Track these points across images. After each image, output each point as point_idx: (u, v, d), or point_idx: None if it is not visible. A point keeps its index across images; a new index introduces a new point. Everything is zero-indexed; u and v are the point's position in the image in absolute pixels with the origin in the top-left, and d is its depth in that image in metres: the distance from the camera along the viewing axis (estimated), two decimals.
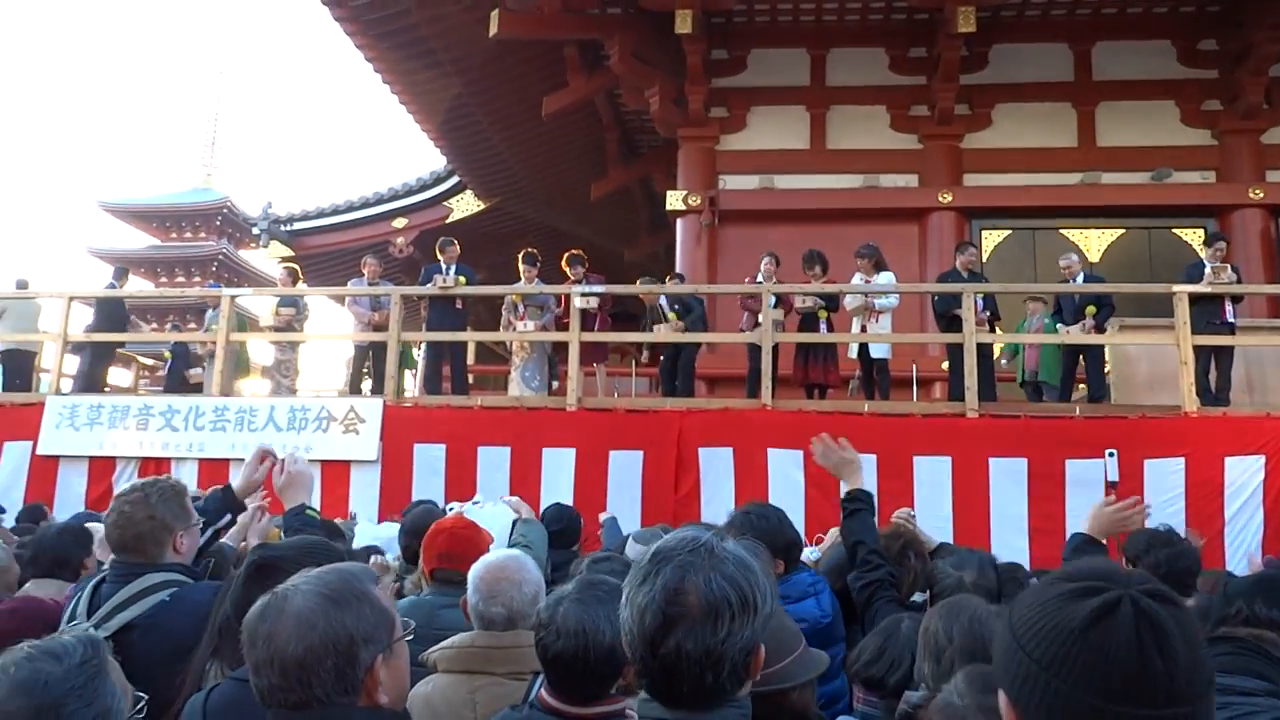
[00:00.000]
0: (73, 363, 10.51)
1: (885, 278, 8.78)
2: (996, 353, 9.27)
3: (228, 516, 3.01)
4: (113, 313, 10.36)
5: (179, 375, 10.52)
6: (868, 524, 3.23)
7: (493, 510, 4.20)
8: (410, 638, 1.59)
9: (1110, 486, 4.71)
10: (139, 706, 1.43)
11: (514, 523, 3.76)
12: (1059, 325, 8.63)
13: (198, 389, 10.11)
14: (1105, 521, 3.11)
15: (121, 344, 11.01)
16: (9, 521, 6.99)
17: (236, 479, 3.02)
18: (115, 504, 2.52)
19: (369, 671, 1.45)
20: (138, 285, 23.03)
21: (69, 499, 7.97)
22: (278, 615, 1.45)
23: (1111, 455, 4.72)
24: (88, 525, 3.74)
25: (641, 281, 9.20)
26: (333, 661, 1.41)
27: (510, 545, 3.53)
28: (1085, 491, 6.96)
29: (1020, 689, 1.02)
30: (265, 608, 1.48)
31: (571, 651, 1.77)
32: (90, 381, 10.05)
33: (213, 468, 7.97)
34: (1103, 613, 0.98)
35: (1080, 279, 8.71)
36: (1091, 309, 8.44)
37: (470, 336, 9.32)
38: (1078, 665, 0.97)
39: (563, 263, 9.44)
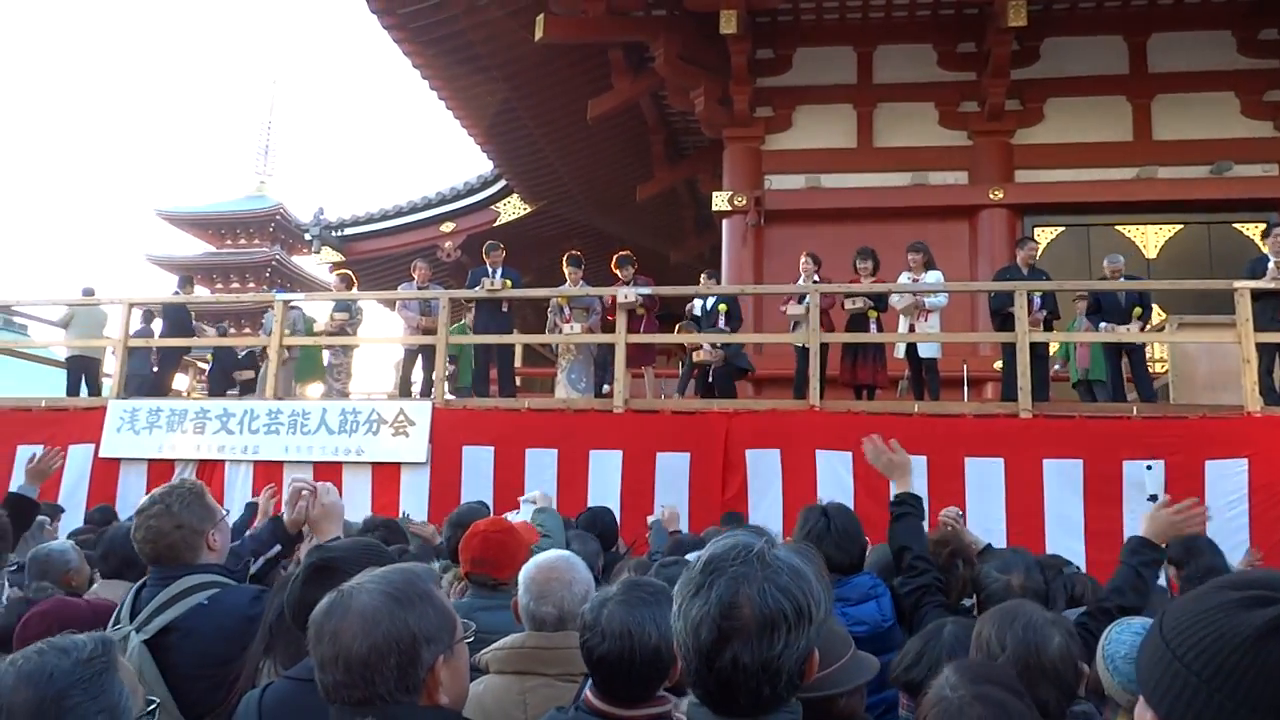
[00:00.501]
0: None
1: (933, 276, 8.67)
2: (1053, 351, 9.12)
3: (278, 547, 3.06)
4: (178, 320, 10.60)
5: (221, 376, 10.69)
6: (915, 529, 3.21)
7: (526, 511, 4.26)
8: (470, 639, 1.60)
9: (1153, 500, 4.54)
10: (150, 709, 1.44)
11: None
12: (1102, 324, 8.46)
13: (248, 387, 10.30)
14: (1162, 524, 2.98)
15: (187, 350, 11.24)
16: (78, 521, 7.21)
17: (286, 513, 3.03)
18: (140, 520, 2.52)
19: (430, 671, 1.47)
20: (196, 292, 23.57)
21: (129, 501, 8.16)
22: (343, 613, 1.48)
23: (1150, 468, 4.50)
24: None
25: (682, 326, 9.17)
26: (395, 660, 1.44)
27: None
28: (1143, 493, 6.80)
29: (1174, 704, 0.91)
30: (331, 605, 1.50)
31: (617, 653, 1.77)
32: (156, 387, 10.28)
33: (267, 469, 8.12)
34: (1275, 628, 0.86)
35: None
36: (1138, 310, 8.28)
37: (516, 339, 9.38)
38: (1247, 680, 0.86)
39: (612, 264, 9.46)
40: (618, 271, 9.28)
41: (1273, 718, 0.85)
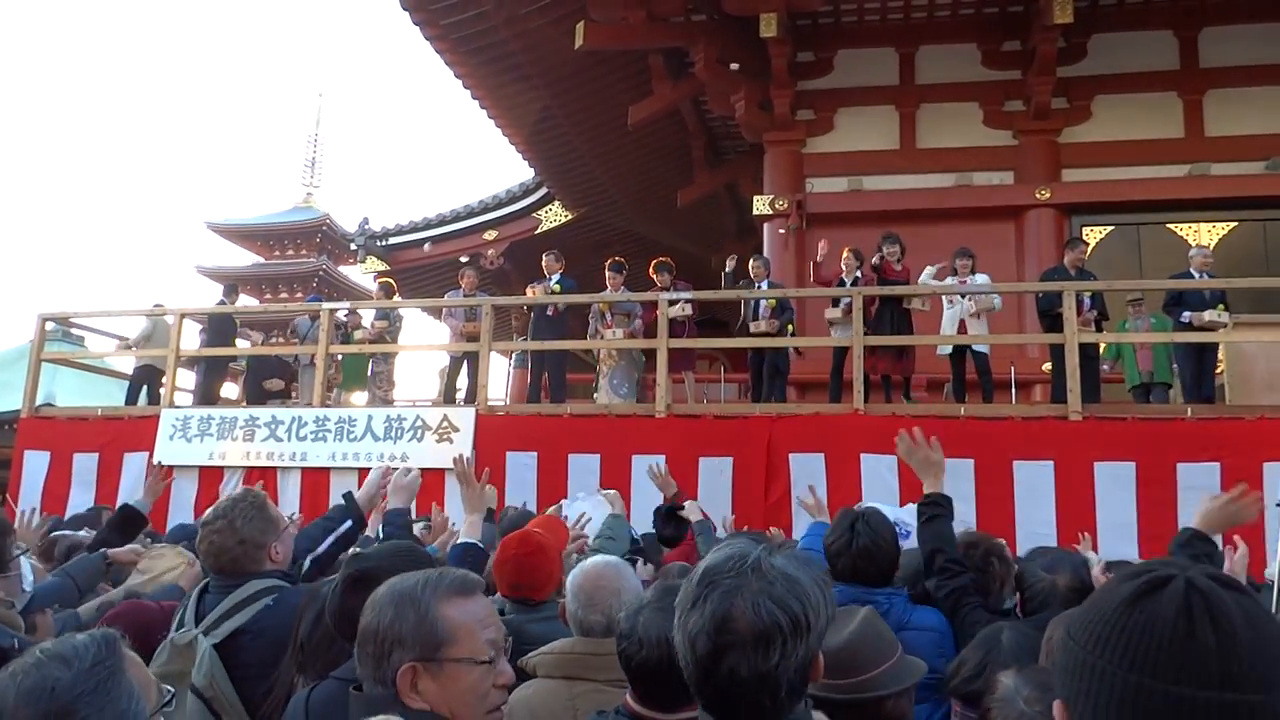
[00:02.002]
0: (187, 377, 10.98)
1: (982, 279, 8.63)
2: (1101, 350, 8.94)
3: (348, 523, 3.14)
4: (222, 329, 10.79)
5: (256, 384, 10.79)
6: (946, 531, 3.12)
7: (591, 504, 4.29)
8: (485, 660, 1.58)
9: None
10: (166, 700, 1.41)
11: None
12: (1185, 314, 8.09)
13: (277, 396, 10.41)
14: (1218, 516, 2.88)
15: (233, 358, 11.41)
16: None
17: (360, 490, 3.34)
18: (204, 533, 2.57)
19: (397, 673, 1.52)
20: (243, 302, 23.98)
21: (181, 507, 8.33)
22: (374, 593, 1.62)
23: None
24: None
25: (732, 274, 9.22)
26: (371, 649, 1.54)
27: (596, 537, 3.74)
28: (1199, 496, 6.62)
29: (1069, 681, 0.95)
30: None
31: (655, 661, 1.76)
32: (205, 395, 10.46)
33: (315, 476, 8.23)
34: (1149, 588, 0.92)
35: (1204, 277, 8.20)
36: (1221, 306, 7.95)
37: (557, 345, 9.39)
38: (1120, 640, 0.90)
39: (650, 270, 9.46)
40: (655, 278, 9.28)
41: (1144, 673, 0.88)
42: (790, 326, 8.96)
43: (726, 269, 9.59)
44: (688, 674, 1.29)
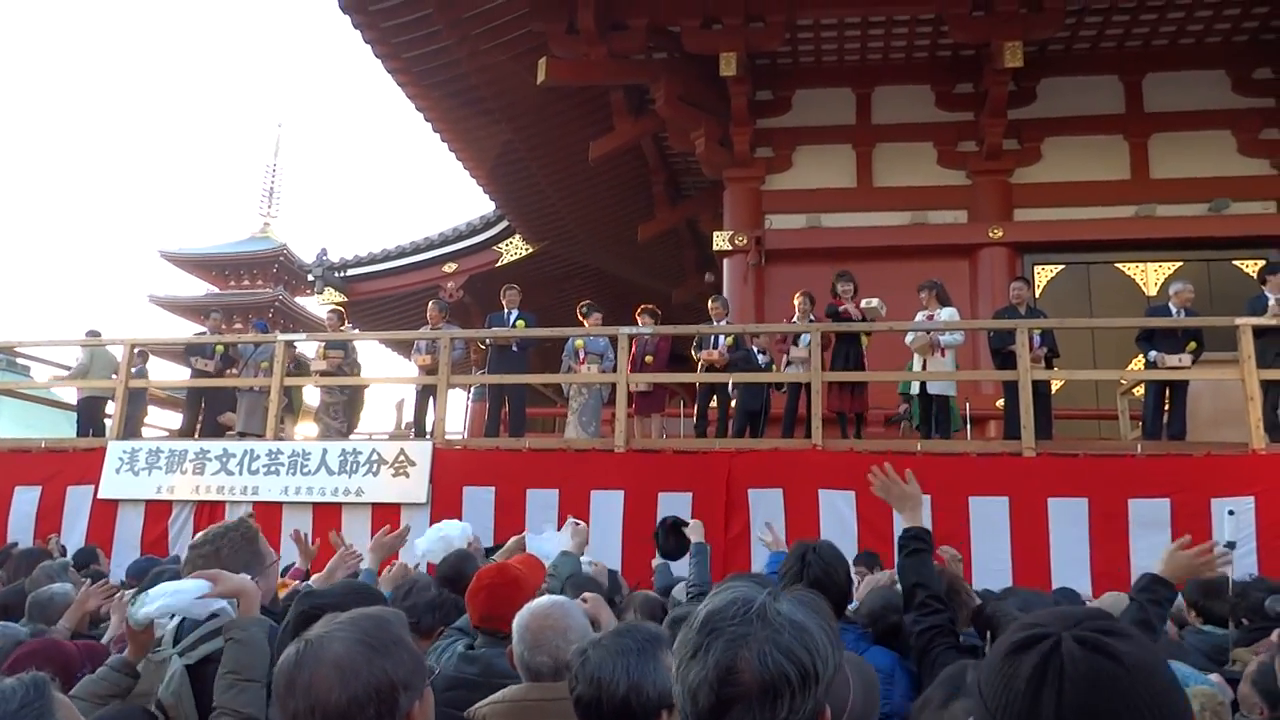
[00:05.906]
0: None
1: (947, 313, 8.66)
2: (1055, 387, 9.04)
3: None
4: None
5: (210, 418, 10.50)
6: (927, 565, 3.06)
7: (556, 539, 4.23)
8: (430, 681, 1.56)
9: (1228, 548, 4.47)
10: None
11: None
12: (1151, 353, 8.12)
13: (228, 431, 10.19)
14: (1180, 565, 2.84)
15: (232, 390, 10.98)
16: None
17: None
18: (190, 556, 2.53)
19: (406, 718, 1.43)
20: (196, 331, 23.58)
21: (126, 541, 8.12)
22: (316, 663, 1.40)
23: (1232, 512, 4.40)
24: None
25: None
26: (374, 709, 1.39)
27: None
28: (1149, 532, 6.73)
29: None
30: (301, 656, 1.42)
31: (588, 700, 1.75)
32: (209, 428, 10.19)
33: (266, 511, 8.06)
34: (1021, 646, 1.00)
35: (1182, 314, 8.22)
36: (1193, 345, 7.99)
37: (516, 379, 9.33)
38: (989, 689, 1.00)
39: (636, 314, 9.47)
40: (639, 320, 9.33)
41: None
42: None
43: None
44: None
